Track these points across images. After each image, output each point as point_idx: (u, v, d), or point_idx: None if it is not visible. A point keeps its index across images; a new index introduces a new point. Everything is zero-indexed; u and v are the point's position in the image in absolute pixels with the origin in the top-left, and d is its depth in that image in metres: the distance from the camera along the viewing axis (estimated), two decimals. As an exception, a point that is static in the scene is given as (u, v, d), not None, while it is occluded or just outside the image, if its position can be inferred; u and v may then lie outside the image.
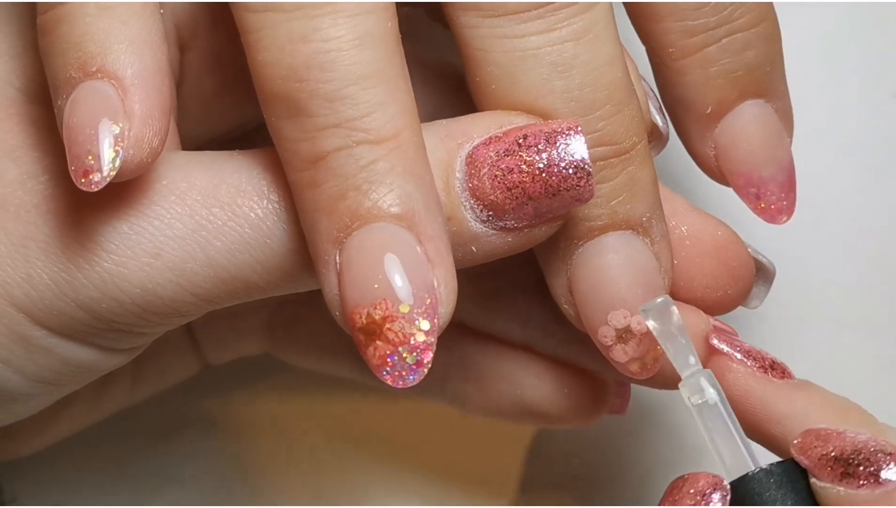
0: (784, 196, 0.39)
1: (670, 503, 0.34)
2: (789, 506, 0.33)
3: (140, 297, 0.33)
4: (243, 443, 0.46)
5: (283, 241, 0.33)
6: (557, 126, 0.34)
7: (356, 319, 0.32)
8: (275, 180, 0.33)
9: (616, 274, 0.35)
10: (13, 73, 0.36)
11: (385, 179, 0.32)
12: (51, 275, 0.33)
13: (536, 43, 0.34)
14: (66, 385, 0.36)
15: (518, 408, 0.40)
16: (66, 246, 0.33)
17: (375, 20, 0.32)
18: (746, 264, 0.38)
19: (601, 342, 0.36)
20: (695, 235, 0.37)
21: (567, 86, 0.34)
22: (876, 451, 0.33)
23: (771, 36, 0.39)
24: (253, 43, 0.32)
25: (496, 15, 0.34)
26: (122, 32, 0.32)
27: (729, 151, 0.39)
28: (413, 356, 0.32)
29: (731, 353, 0.36)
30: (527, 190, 0.34)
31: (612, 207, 0.35)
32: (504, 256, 0.35)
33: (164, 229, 0.33)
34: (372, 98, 0.32)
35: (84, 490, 0.45)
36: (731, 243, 0.38)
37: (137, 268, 0.33)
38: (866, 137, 0.47)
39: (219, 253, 0.33)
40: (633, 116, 0.35)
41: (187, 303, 0.34)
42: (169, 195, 0.33)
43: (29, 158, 0.34)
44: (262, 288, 0.34)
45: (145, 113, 0.32)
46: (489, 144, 0.34)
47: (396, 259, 0.32)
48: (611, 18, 0.34)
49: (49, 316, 0.34)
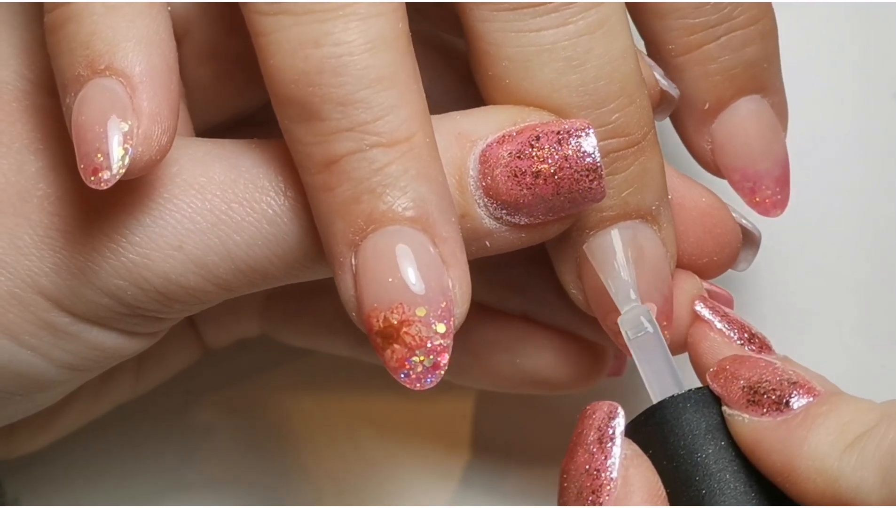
0: (779, 190, 0.40)
1: (576, 433, 0.34)
2: (701, 430, 0.34)
3: (163, 286, 0.34)
4: (244, 443, 0.46)
5: (299, 236, 0.34)
6: (570, 126, 0.34)
7: (373, 322, 0.32)
8: (291, 176, 0.34)
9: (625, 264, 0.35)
10: (26, 65, 0.36)
11: (399, 183, 0.32)
12: (77, 264, 0.34)
13: (551, 37, 0.34)
14: (91, 370, 0.37)
15: (517, 377, 0.41)
16: (91, 236, 0.34)
17: (386, 22, 0.32)
18: (732, 231, 0.39)
19: (611, 328, 0.36)
20: (680, 202, 0.38)
21: (582, 79, 0.34)
22: (781, 380, 0.33)
23: (769, 33, 0.39)
24: (264, 46, 0.33)
25: (510, 9, 0.34)
26: (130, 30, 0.32)
27: (725, 147, 0.39)
28: (430, 359, 0.32)
29: (712, 321, 0.36)
30: (539, 191, 0.34)
31: (623, 198, 0.35)
32: (518, 248, 0.35)
33: (185, 223, 0.34)
34: (384, 101, 0.32)
35: (85, 491, 0.45)
36: (716, 209, 0.38)
37: (161, 259, 0.34)
38: (866, 137, 0.47)
39: (238, 247, 0.34)
40: (643, 106, 0.35)
41: (208, 292, 0.34)
42: (189, 190, 0.34)
43: (50, 150, 0.35)
44: (279, 278, 0.35)
45: (154, 110, 0.32)
46: (502, 143, 0.34)
47: (412, 262, 0.32)
48: (623, 11, 0.35)
49: (76, 303, 0.34)
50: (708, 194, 0.38)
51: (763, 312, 0.46)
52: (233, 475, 0.46)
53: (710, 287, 0.38)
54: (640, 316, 0.35)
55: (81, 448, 0.45)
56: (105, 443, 0.45)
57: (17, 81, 0.36)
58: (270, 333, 0.44)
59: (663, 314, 0.36)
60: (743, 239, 0.39)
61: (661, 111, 0.38)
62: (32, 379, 0.35)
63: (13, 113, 0.35)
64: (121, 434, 0.45)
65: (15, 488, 0.45)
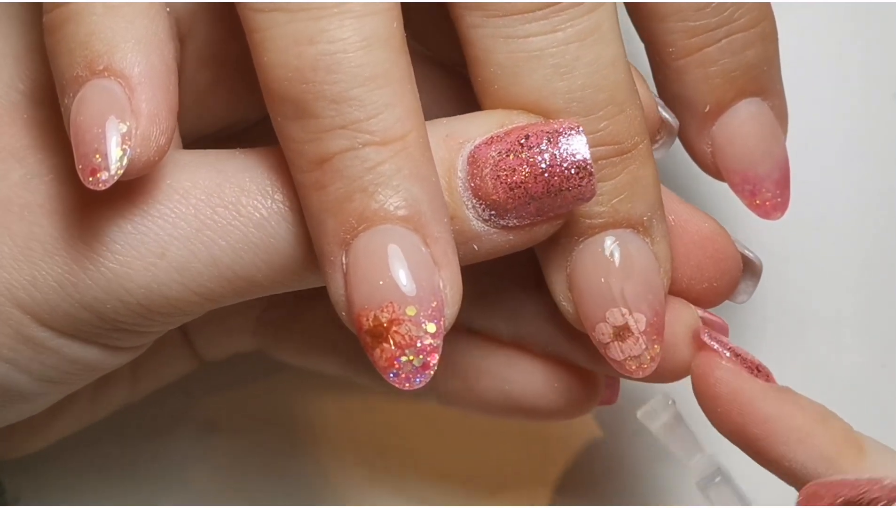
0: (779, 193, 0.40)
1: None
2: None
3: (145, 297, 0.33)
4: (244, 443, 0.46)
5: (287, 240, 0.33)
6: (559, 126, 0.34)
7: (363, 321, 0.32)
8: (279, 180, 0.34)
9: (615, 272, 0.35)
10: (17, 76, 0.36)
11: (391, 182, 0.32)
12: (55, 277, 0.33)
13: (539, 44, 0.34)
14: (73, 384, 0.36)
15: (507, 404, 0.40)
16: (70, 246, 0.33)
17: (381, 21, 0.32)
18: (733, 258, 0.38)
19: (598, 339, 0.36)
20: (682, 225, 0.37)
21: (569, 87, 0.34)
22: (882, 488, 0.33)
23: (769, 35, 0.39)
24: (258, 43, 0.32)
25: (500, 15, 0.34)
26: (129, 31, 0.32)
27: (725, 149, 0.39)
28: (420, 359, 0.32)
29: (721, 351, 0.36)
30: (529, 190, 0.34)
31: (613, 205, 0.35)
32: (506, 253, 0.35)
33: (168, 229, 0.33)
34: (378, 100, 0.32)
35: (86, 491, 0.45)
36: (717, 235, 0.38)
37: (142, 268, 0.33)
38: (866, 137, 0.47)
39: (223, 252, 0.33)
40: (634, 115, 0.35)
41: (191, 302, 0.34)
42: (173, 194, 0.33)
43: (34, 158, 0.34)
44: (265, 286, 0.34)
45: (152, 111, 0.32)
46: (491, 143, 0.34)
47: (403, 261, 0.32)
48: (615, 19, 0.35)
49: (54, 317, 0.34)
50: (710, 220, 0.38)
51: (764, 313, 0.46)
52: (233, 474, 0.46)
53: (706, 315, 0.38)
54: (708, 464, 0.35)
55: (82, 448, 0.45)
56: (105, 443, 0.45)
57: (8, 92, 0.35)
58: (266, 350, 0.44)
59: (654, 329, 0.35)
60: (744, 268, 0.39)
61: (662, 145, 0.38)
62: (12, 392, 0.35)
63: (2, 126, 0.35)
64: (121, 434, 0.45)
65: (15, 488, 0.45)
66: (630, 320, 0.35)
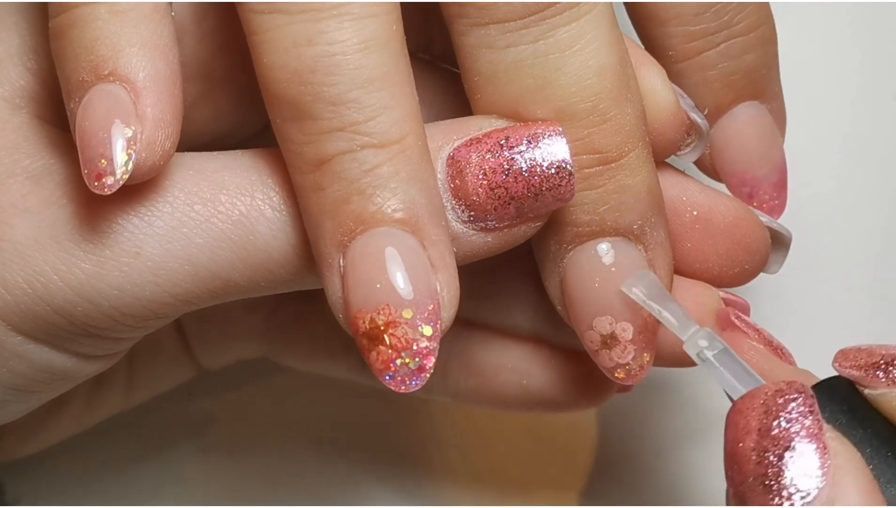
0: (776, 195, 0.40)
1: None
2: (846, 414, 0.32)
3: (117, 299, 0.33)
4: (244, 443, 0.46)
5: (265, 238, 0.33)
6: (539, 128, 0.34)
7: (359, 324, 0.32)
8: (259, 179, 0.33)
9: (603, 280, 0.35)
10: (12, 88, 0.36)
11: (389, 184, 0.32)
12: (26, 278, 0.33)
13: (519, 54, 0.34)
14: (40, 393, 0.36)
15: (525, 398, 0.40)
16: (42, 247, 0.33)
17: (380, 23, 0.32)
18: (761, 238, 0.38)
19: (588, 346, 0.36)
20: (706, 216, 0.37)
21: (549, 96, 0.34)
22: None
23: (768, 39, 0.39)
24: (258, 44, 0.32)
25: (483, 24, 0.34)
26: (134, 36, 0.32)
27: (724, 152, 0.39)
28: (416, 362, 0.32)
29: (748, 331, 0.36)
30: (509, 190, 0.33)
31: (600, 213, 0.35)
32: (484, 257, 0.34)
33: (143, 227, 0.33)
34: (377, 102, 0.32)
35: (86, 491, 0.45)
36: (742, 219, 0.38)
37: (115, 268, 0.33)
38: (866, 137, 0.47)
39: (199, 250, 0.33)
40: (621, 125, 0.34)
41: (165, 304, 0.33)
42: (150, 193, 0.33)
43: (9, 159, 0.34)
44: (243, 287, 0.34)
45: (157, 116, 0.32)
46: (470, 145, 0.34)
47: (400, 264, 0.32)
48: (606, 27, 0.34)
49: (24, 321, 0.33)
50: (733, 202, 0.38)
51: (764, 313, 0.45)
52: (233, 474, 0.46)
53: (728, 296, 0.38)
54: (705, 335, 0.34)
55: (81, 449, 0.45)
56: (105, 444, 0.45)
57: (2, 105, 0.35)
58: (270, 355, 0.44)
59: (643, 338, 0.35)
60: (772, 241, 0.38)
61: (693, 148, 0.38)
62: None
63: None
64: (121, 435, 0.45)
65: (16, 488, 0.45)
66: (617, 328, 0.35)
